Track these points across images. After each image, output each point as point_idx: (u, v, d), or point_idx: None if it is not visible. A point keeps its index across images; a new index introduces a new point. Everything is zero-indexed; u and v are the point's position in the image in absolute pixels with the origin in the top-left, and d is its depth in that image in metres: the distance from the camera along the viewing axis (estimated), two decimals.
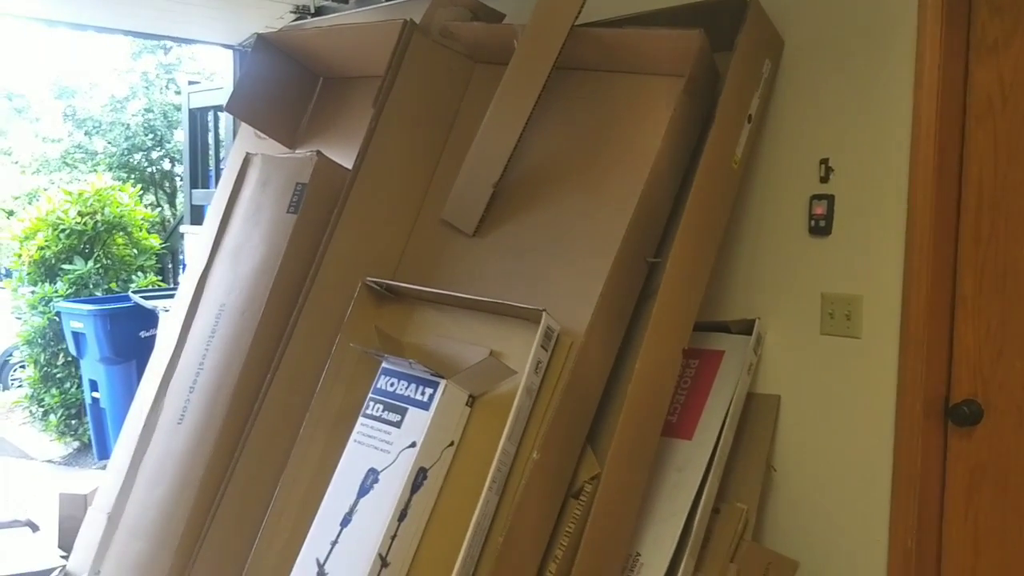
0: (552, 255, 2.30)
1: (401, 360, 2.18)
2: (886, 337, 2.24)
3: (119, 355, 5.14)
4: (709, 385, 2.45)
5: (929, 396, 2.18)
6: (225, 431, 2.42)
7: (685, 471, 2.33)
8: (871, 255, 2.28)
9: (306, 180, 2.61)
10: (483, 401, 2.17)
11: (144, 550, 2.40)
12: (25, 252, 6.09)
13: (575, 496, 2.13)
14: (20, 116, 15.86)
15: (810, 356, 2.40)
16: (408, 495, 2.05)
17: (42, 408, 6.32)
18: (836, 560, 2.35)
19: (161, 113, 12.43)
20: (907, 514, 2.19)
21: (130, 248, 6.44)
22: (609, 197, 2.25)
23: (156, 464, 2.51)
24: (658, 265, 2.23)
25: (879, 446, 2.25)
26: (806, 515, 2.43)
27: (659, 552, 2.23)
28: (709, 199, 2.23)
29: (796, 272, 2.42)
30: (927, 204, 2.17)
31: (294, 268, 2.54)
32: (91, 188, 6.31)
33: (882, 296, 2.25)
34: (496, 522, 2.01)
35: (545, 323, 2.06)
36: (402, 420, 2.14)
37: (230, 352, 2.53)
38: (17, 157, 15.88)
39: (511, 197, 2.44)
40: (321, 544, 2.09)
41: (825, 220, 2.34)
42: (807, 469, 2.43)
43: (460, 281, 2.41)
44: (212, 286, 2.72)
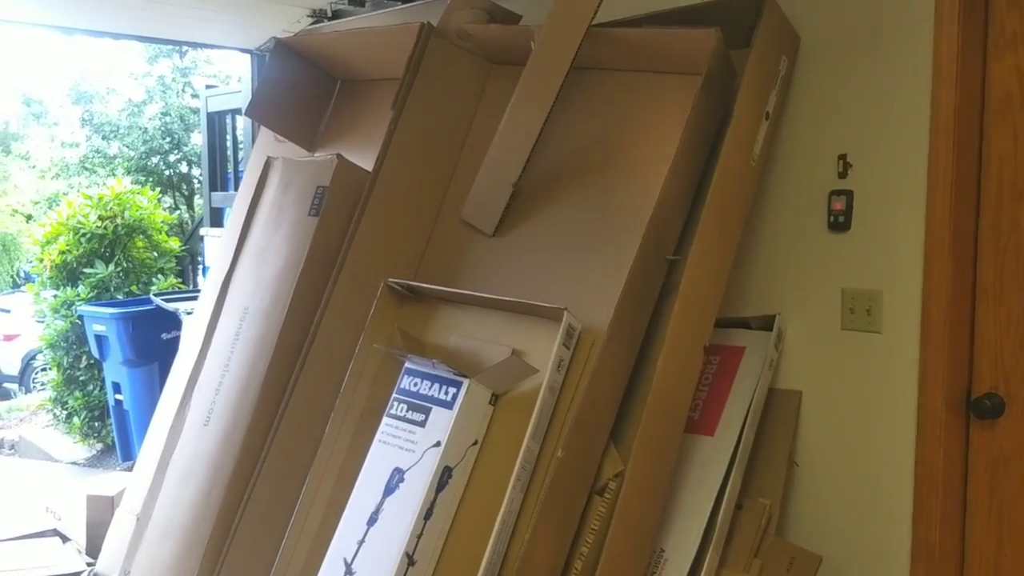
0: (572, 254, 2.31)
1: (424, 360, 2.20)
2: (907, 331, 2.24)
3: (142, 357, 5.18)
4: (730, 381, 2.46)
5: (951, 390, 2.18)
6: (251, 432, 2.45)
7: (708, 467, 2.34)
8: (891, 250, 2.28)
9: (327, 183, 2.63)
10: (506, 400, 2.19)
11: (173, 550, 2.43)
12: (47, 256, 6.15)
13: (599, 493, 2.15)
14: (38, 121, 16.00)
15: (831, 351, 2.41)
16: (434, 494, 2.07)
17: (65, 411, 6.38)
18: (859, 554, 2.36)
19: (178, 116, 12.52)
20: (930, 508, 2.19)
21: (150, 251, 6.48)
22: (628, 196, 2.27)
23: (183, 465, 2.54)
24: (678, 263, 2.24)
25: (901, 440, 2.26)
26: (829, 510, 2.43)
27: (683, 548, 2.24)
28: (728, 196, 2.24)
29: (816, 268, 2.43)
30: (946, 198, 2.17)
31: (316, 270, 2.56)
32: (111, 192, 6.36)
33: (903, 290, 2.25)
34: (521, 520, 2.02)
35: (567, 321, 2.07)
36: (426, 419, 2.16)
37: (255, 354, 2.55)
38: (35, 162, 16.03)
39: (530, 197, 2.46)
40: (348, 543, 2.11)
41: (844, 215, 2.35)
42: (829, 464, 2.44)
43: (481, 281, 2.43)
44: (236, 289, 2.75)
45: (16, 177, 16.38)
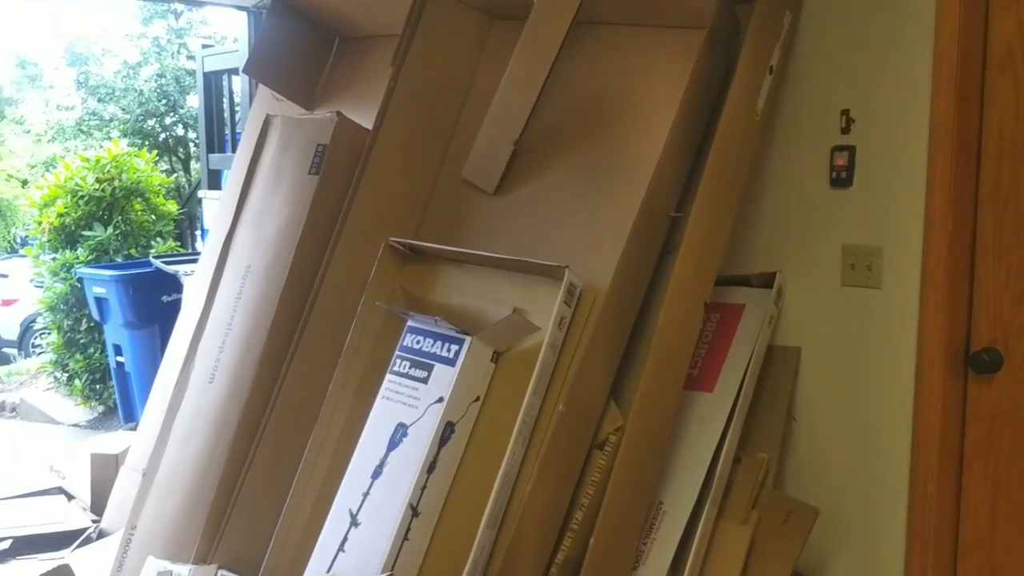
0: (574, 212, 2.32)
1: (427, 318, 2.21)
2: (907, 287, 2.25)
3: (142, 320, 5.19)
4: (730, 339, 2.47)
5: (949, 344, 2.20)
6: (255, 389, 2.47)
7: (707, 423, 2.36)
8: (892, 206, 2.28)
9: (327, 141, 2.62)
10: (507, 357, 2.21)
11: (179, 504, 2.46)
12: (45, 219, 6.14)
13: (599, 447, 2.17)
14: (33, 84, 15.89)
15: (831, 307, 2.42)
16: (436, 448, 2.10)
17: (66, 373, 6.41)
18: (857, 507, 2.39)
19: (173, 78, 12.43)
20: (927, 461, 2.22)
21: (148, 214, 6.47)
22: (630, 153, 2.26)
23: (188, 422, 2.57)
24: (680, 220, 2.25)
25: (899, 395, 2.28)
26: (827, 464, 2.46)
27: (682, 501, 2.27)
28: (731, 152, 2.24)
29: (817, 224, 2.43)
30: (947, 153, 2.17)
31: (318, 229, 2.56)
32: (108, 154, 6.33)
33: (903, 246, 2.26)
34: (523, 473, 2.05)
35: (568, 279, 2.08)
36: (429, 376, 2.17)
37: (257, 312, 2.56)
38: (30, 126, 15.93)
39: (532, 154, 2.45)
40: (353, 495, 2.14)
41: (846, 171, 2.35)
42: (828, 419, 2.46)
43: (482, 239, 2.43)
44: (237, 248, 2.75)
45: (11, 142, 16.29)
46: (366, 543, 2.07)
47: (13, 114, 16.59)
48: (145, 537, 2.49)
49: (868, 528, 2.38)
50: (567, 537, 2.11)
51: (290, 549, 2.25)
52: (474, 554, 1.93)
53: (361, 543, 2.08)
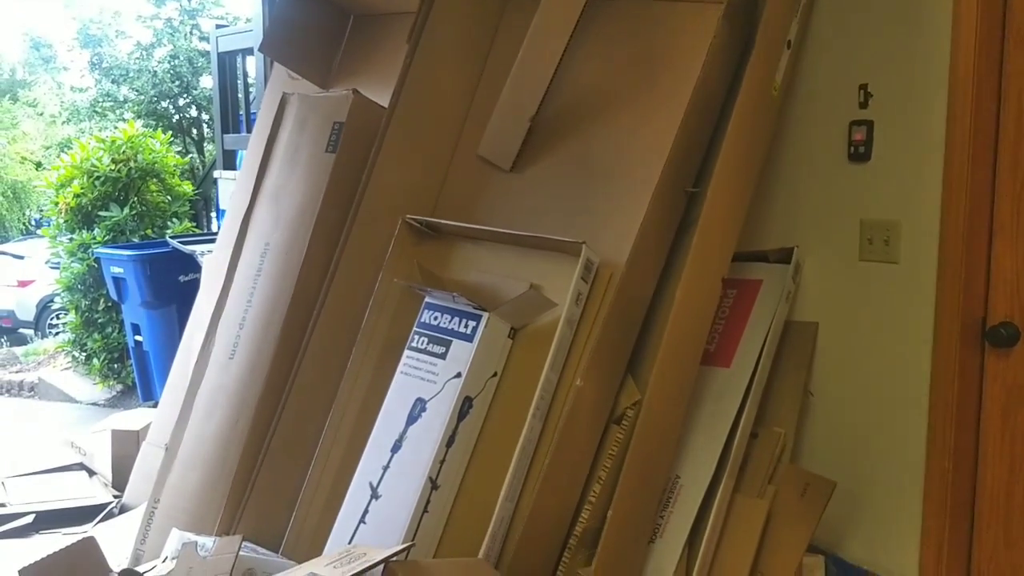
0: (591, 188, 2.32)
1: (444, 294, 2.22)
2: (924, 262, 2.25)
3: (160, 299, 5.23)
4: (747, 314, 2.48)
5: (966, 319, 2.20)
6: (275, 365, 2.49)
7: (723, 398, 2.38)
8: (910, 180, 2.28)
9: (343, 119, 2.63)
10: (525, 333, 2.22)
11: (201, 479, 2.49)
12: (61, 200, 6.17)
13: (617, 422, 2.19)
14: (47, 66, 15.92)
15: (848, 282, 2.42)
16: (455, 423, 2.12)
17: (85, 352, 6.46)
18: (873, 481, 2.40)
19: (186, 59, 12.43)
20: (944, 435, 2.22)
21: (164, 195, 6.50)
22: (648, 127, 2.26)
23: (209, 397, 2.59)
24: (698, 195, 2.25)
25: (916, 369, 2.28)
26: (844, 438, 2.47)
27: (698, 474, 2.29)
28: (749, 127, 2.24)
29: (835, 199, 2.43)
30: (966, 128, 2.16)
31: (335, 206, 2.58)
32: (123, 135, 6.35)
33: (921, 221, 2.25)
34: (540, 447, 2.07)
35: (585, 255, 2.09)
36: (447, 352, 2.19)
37: (276, 289, 2.58)
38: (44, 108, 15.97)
39: (548, 131, 2.46)
40: (373, 469, 2.16)
41: (864, 146, 2.34)
42: (845, 393, 2.47)
43: (499, 216, 2.44)
44: (255, 226, 2.77)
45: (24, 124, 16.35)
46: (386, 515, 2.09)
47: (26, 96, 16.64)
48: (168, 510, 2.53)
49: (884, 502, 2.39)
50: (585, 510, 2.13)
51: (312, 521, 2.28)
52: (493, 526, 1.96)
53: (382, 515, 2.11)
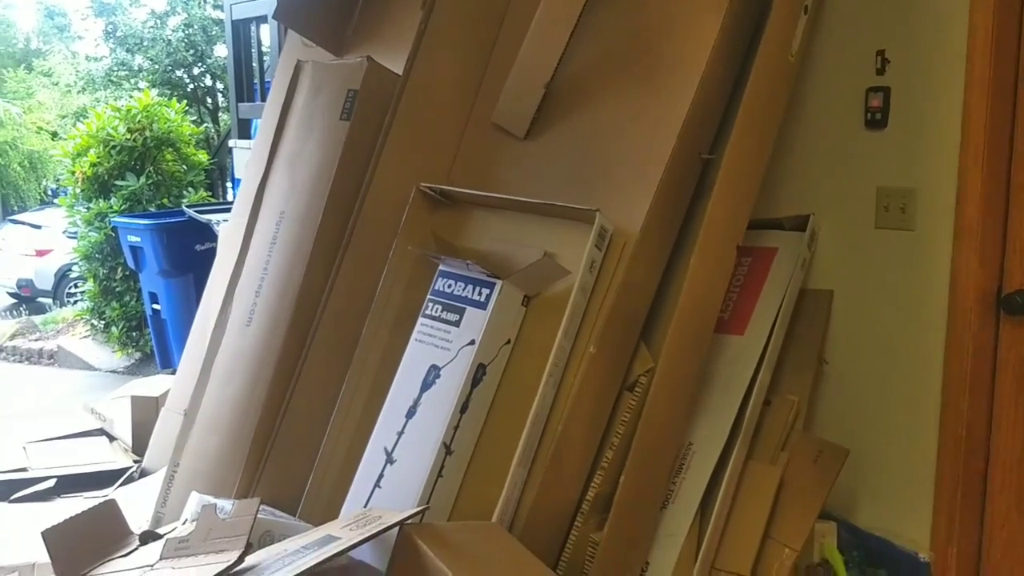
0: (605, 155, 2.31)
1: (458, 262, 2.23)
2: (940, 229, 2.24)
3: (177, 268, 5.27)
4: (762, 282, 2.48)
5: (982, 286, 2.19)
6: (291, 331, 2.51)
7: (737, 365, 2.38)
8: (927, 147, 2.27)
9: (357, 86, 2.63)
10: (538, 301, 2.22)
11: (220, 444, 2.52)
12: (78, 169, 6.21)
13: (630, 389, 2.20)
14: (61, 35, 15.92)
15: (864, 250, 2.42)
16: (469, 389, 2.13)
17: (103, 321, 6.53)
18: (887, 449, 2.41)
19: (200, 28, 12.40)
20: (958, 402, 2.23)
21: (179, 164, 6.53)
22: (663, 94, 2.25)
23: (227, 363, 2.62)
24: (713, 162, 2.24)
25: (931, 337, 2.28)
26: (857, 406, 2.48)
27: (711, 442, 2.30)
28: (765, 93, 2.22)
29: (851, 166, 2.42)
30: (983, 95, 2.15)
31: (349, 174, 2.58)
32: (139, 104, 6.37)
33: (937, 188, 2.24)
34: (554, 413, 2.08)
35: (599, 223, 2.09)
36: (460, 319, 2.20)
37: (292, 257, 2.60)
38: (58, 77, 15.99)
39: (563, 98, 2.44)
40: (388, 434, 2.19)
41: (881, 113, 2.33)
42: (859, 361, 2.47)
43: (513, 184, 2.43)
44: (271, 194, 2.78)
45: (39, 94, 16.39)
46: (401, 480, 2.12)
47: (41, 66, 16.66)
48: (188, 474, 2.57)
49: (898, 469, 2.40)
50: (598, 475, 2.14)
51: (328, 485, 2.31)
52: (506, 491, 1.98)
53: (396, 480, 2.13)
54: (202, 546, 1.87)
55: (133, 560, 2.00)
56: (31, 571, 2.43)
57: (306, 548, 1.77)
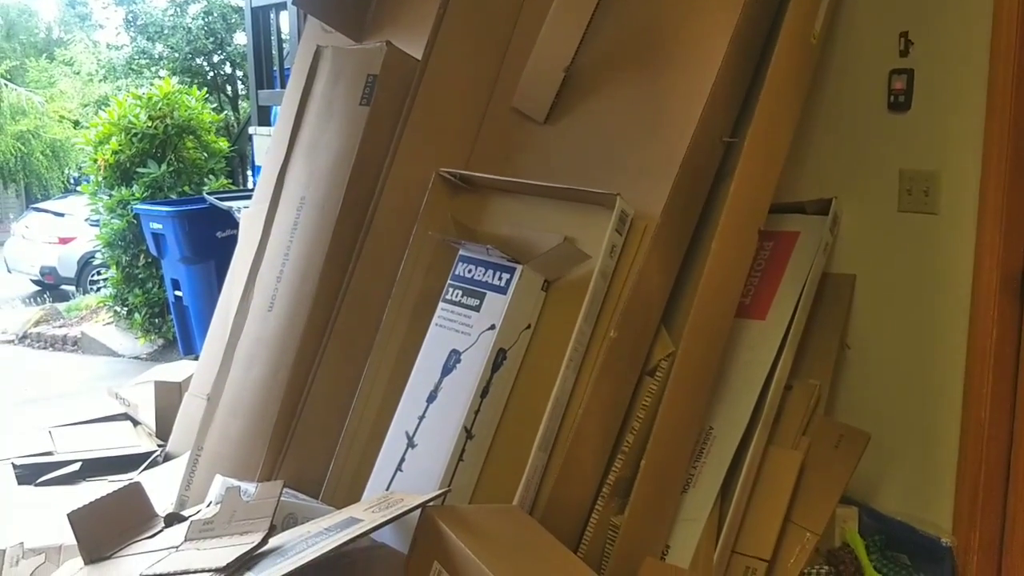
0: (626, 138, 2.30)
1: (478, 247, 2.23)
2: (964, 212, 2.22)
3: (198, 255, 5.30)
4: (783, 266, 2.46)
5: (1006, 269, 2.18)
6: (313, 317, 2.52)
7: (758, 350, 2.37)
8: (950, 130, 2.24)
9: (377, 71, 2.63)
10: (558, 286, 2.22)
11: (243, 428, 2.55)
12: (100, 156, 6.25)
13: (650, 374, 2.20)
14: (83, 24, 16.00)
15: (887, 234, 2.40)
16: (489, 374, 2.14)
17: (126, 307, 6.59)
18: (909, 433, 2.40)
19: (220, 15, 12.43)
20: (981, 385, 2.21)
21: (200, 151, 6.56)
22: (684, 76, 2.23)
23: (249, 348, 2.64)
24: (734, 145, 2.23)
25: (955, 320, 2.26)
26: (880, 390, 2.47)
27: (732, 426, 2.29)
28: (787, 76, 2.21)
29: (874, 149, 2.40)
30: (1008, 76, 2.13)
31: (370, 159, 2.58)
32: (160, 91, 6.40)
33: (961, 171, 2.22)
34: (574, 398, 2.08)
35: (619, 207, 2.08)
36: (481, 304, 2.21)
37: (312, 243, 2.61)
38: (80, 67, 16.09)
39: (582, 81, 2.44)
40: (409, 419, 2.20)
41: (904, 95, 2.31)
42: (882, 346, 2.46)
43: (533, 168, 2.43)
44: (291, 181, 2.79)
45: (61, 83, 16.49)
46: (423, 463, 2.13)
47: (63, 55, 16.76)
48: (211, 457, 2.59)
49: (920, 454, 2.39)
50: (618, 459, 2.15)
51: (350, 469, 2.33)
52: (527, 475, 1.98)
53: (418, 464, 2.14)
54: (226, 528, 1.89)
55: (158, 541, 2.02)
56: (58, 553, 2.46)
57: (329, 530, 1.78)
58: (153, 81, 9.39)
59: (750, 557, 2.22)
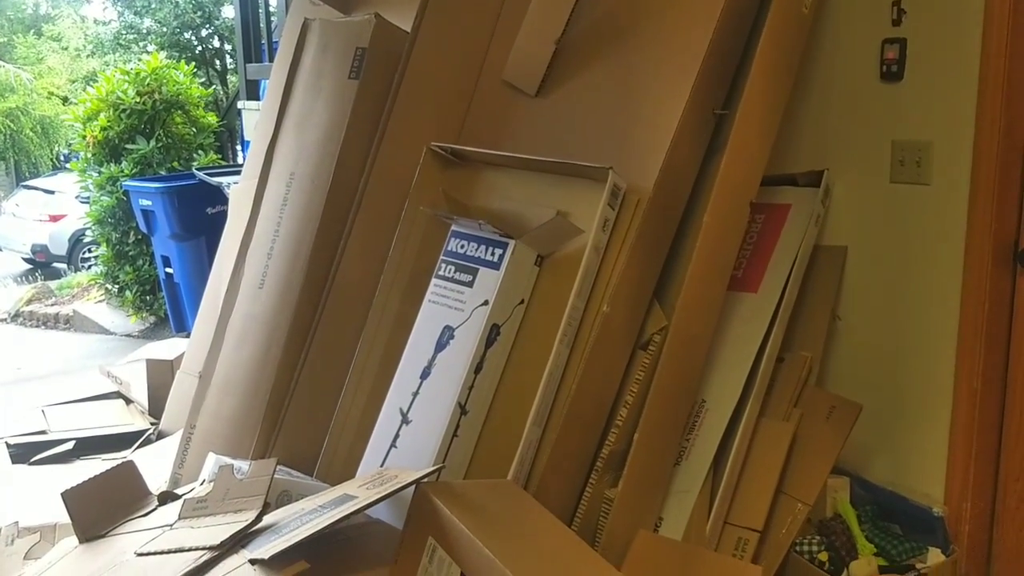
0: (617, 112, 2.28)
1: (471, 222, 2.22)
2: (957, 183, 2.22)
3: (189, 232, 5.27)
4: (775, 239, 2.46)
5: (999, 240, 2.17)
6: (304, 293, 2.51)
7: (750, 323, 2.37)
8: (943, 99, 2.23)
9: (366, 44, 2.60)
10: (552, 261, 2.22)
11: (236, 406, 2.54)
12: (88, 133, 6.20)
13: (643, 348, 2.20)
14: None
15: (879, 205, 2.39)
16: (483, 350, 2.14)
17: (117, 285, 6.56)
18: (901, 404, 2.41)
19: None
20: (973, 356, 2.22)
21: (189, 127, 6.51)
22: (675, 49, 2.21)
23: (241, 326, 2.63)
24: (726, 117, 2.21)
25: (947, 292, 2.26)
26: (871, 362, 2.47)
27: (724, 399, 2.30)
28: (779, 46, 2.19)
29: (866, 120, 2.39)
30: (1002, 44, 2.12)
31: (359, 134, 2.56)
32: (147, 67, 6.34)
33: (954, 141, 2.21)
34: (568, 372, 2.08)
35: (612, 181, 2.07)
36: (474, 280, 2.20)
37: (303, 219, 2.60)
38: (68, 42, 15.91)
39: (574, 53, 2.41)
40: (403, 395, 2.20)
41: (897, 65, 2.29)
42: (873, 317, 2.46)
43: (524, 142, 2.41)
44: (280, 156, 2.76)
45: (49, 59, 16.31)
46: (417, 440, 2.13)
47: (50, 31, 16.56)
48: (205, 435, 2.59)
49: (912, 424, 2.40)
50: (612, 433, 2.15)
51: (344, 445, 2.33)
52: (521, 450, 1.99)
53: (412, 440, 2.14)
54: (220, 506, 1.90)
55: (152, 520, 2.02)
56: (53, 531, 2.47)
57: (323, 507, 1.78)
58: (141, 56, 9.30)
59: (742, 528, 2.23)
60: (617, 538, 2.06)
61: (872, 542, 2.32)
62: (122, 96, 6.14)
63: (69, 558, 1.98)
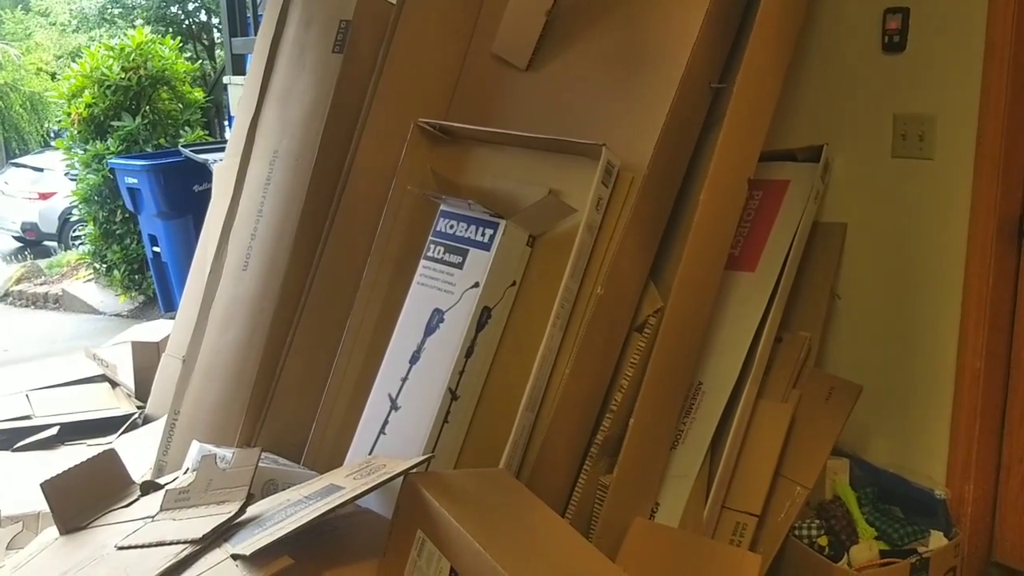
0: (611, 87, 2.22)
1: (460, 201, 2.16)
2: (960, 157, 2.17)
3: (175, 210, 5.21)
4: (773, 216, 2.41)
5: (1003, 216, 2.14)
6: (289, 275, 2.46)
7: (747, 303, 2.33)
8: (947, 72, 2.19)
9: (350, 17, 2.53)
10: (544, 241, 2.16)
11: (220, 391, 2.49)
12: (74, 110, 6.11)
13: (639, 330, 2.15)
14: None
15: (880, 180, 2.35)
16: (474, 333, 2.08)
17: (105, 264, 6.50)
18: (901, 384, 2.38)
19: None
20: (977, 335, 2.18)
21: (175, 103, 6.42)
22: (670, 20, 2.15)
23: (225, 309, 2.57)
24: (723, 91, 2.15)
25: (949, 269, 2.23)
26: (872, 341, 2.44)
27: (721, 381, 2.26)
28: (778, 17, 2.13)
29: (867, 92, 2.34)
30: (1008, 14, 2.08)
31: (344, 110, 2.50)
32: (132, 42, 6.23)
33: (957, 115, 2.17)
34: (561, 356, 2.04)
35: (605, 158, 2.01)
36: (464, 261, 2.14)
37: (287, 198, 2.53)
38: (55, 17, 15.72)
39: (565, 27, 2.34)
40: (392, 380, 2.14)
41: (899, 35, 2.24)
42: (874, 296, 2.42)
43: (515, 118, 2.35)
44: (263, 134, 2.70)
45: (37, 35, 16.12)
46: (407, 426, 2.08)
47: (38, 5, 16.35)
48: (189, 421, 2.54)
49: (913, 405, 2.36)
50: (606, 418, 2.11)
51: (332, 431, 2.28)
52: (514, 435, 1.94)
53: (402, 426, 2.09)
54: (203, 497, 1.85)
55: (134, 511, 1.98)
56: (36, 520, 2.43)
57: (309, 498, 1.74)
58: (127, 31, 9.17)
59: (740, 512, 2.19)
60: (612, 526, 2.03)
61: (873, 525, 2.28)
62: (107, 72, 6.04)
63: (49, 551, 1.93)
